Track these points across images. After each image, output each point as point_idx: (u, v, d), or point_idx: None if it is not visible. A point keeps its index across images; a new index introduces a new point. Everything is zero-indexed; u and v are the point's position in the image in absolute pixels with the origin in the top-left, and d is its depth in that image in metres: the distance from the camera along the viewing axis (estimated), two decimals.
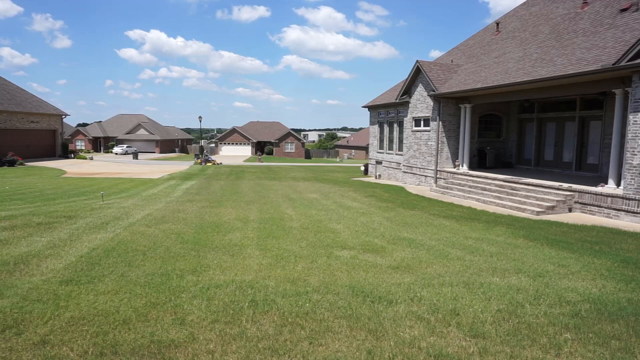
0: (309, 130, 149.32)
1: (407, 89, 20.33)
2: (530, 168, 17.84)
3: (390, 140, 23.99)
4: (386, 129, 24.47)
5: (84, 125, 78.72)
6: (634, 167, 10.54)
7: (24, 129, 35.25)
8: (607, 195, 11.21)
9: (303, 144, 72.26)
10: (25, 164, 30.91)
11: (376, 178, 24.85)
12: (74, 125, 71.82)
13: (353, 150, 72.40)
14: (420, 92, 19.40)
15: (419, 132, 19.71)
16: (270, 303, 4.33)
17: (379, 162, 25.52)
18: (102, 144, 66.92)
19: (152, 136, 66.45)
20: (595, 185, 12.17)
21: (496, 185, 14.54)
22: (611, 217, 11.02)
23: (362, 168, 29.15)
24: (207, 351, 3.34)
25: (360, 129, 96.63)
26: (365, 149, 57.83)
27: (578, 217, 11.14)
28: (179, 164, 38.38)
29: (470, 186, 15.51)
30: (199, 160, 39.66)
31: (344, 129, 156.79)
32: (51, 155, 38.87)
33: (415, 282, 5.15)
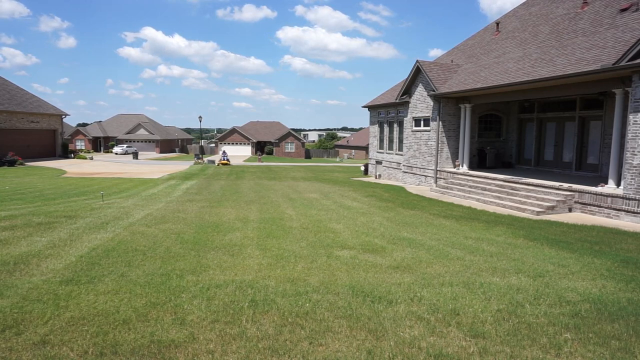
0: (309, 130, 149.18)
1: (407, 89, 20.33)
2: (530, 168, 17.84)
3: (390, 140, 23.99)
4: (386, 129, 24.46)
5: (84, 125, 78.77)
6: (634, 167, 10.54)
7: (24, 129, 35.25)
8: (607, 195, 11.21)
9: (303, 143, 72.22)
10: (25, 163, 30.91)
11: (376, 178, 24.85)
12: (74, 125, 71.87)
13: (353, 150, 72.39)
14: (420, 92, 19.40)
15: (419, 132, 19.71)
16: (270, 303, 4.32)
17: (379, 162, 25.51)
18: (102, 144, 66.92)
19: (152, 136, 66.44)
20: (595, 185, 12.16)
21: (496, 185, 14.53)
22: (611, 217, 11.02)
23: (362, 168, 29.15)
24: (207, 351, 3.34)
25: (360, 129, 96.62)
26: (365, 149, 57.83)
27: (578, 217, 11.14)
28: (179, 164, 38.38)
29: (470, 186, 15.51)
30: (199, 160, 39.69)
31: (344, 129, 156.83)
32: (51, 155, 38.87)
33: (415, 282, 5.15)
